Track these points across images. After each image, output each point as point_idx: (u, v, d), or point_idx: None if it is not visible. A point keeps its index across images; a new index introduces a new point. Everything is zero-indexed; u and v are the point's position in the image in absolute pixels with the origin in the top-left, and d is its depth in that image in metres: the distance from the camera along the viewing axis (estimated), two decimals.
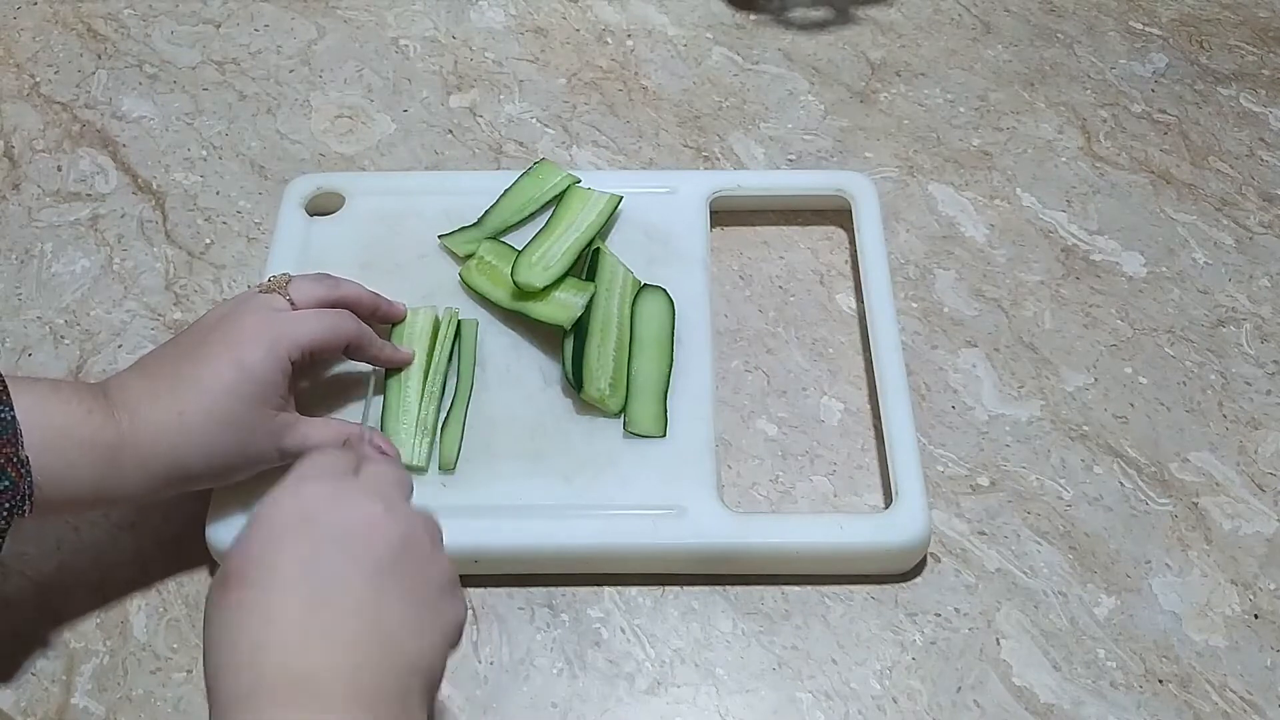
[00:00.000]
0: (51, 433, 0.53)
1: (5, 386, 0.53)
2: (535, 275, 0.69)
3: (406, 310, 0.69)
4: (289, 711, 0.42)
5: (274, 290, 0.62)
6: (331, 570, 0.45)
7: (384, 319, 0.68)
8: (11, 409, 0.53)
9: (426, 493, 0.63)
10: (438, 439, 0.65)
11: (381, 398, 0.66)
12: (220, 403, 0.57)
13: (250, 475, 0.60)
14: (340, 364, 0.68)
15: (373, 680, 0.44)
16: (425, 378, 0.67)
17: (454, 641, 0.48)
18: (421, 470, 0.64)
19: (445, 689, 0.59)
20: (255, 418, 0.58)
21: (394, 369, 0.67)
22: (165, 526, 0.65)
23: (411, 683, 0.45)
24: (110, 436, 0.55)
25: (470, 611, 0.62)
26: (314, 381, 0.67)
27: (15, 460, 0.52)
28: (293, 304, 0.61)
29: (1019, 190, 0.81)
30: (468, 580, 0.63)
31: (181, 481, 0.58)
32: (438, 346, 0.68)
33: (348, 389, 0.68)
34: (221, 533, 0.61)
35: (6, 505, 0.52)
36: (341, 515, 0.47)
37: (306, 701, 0.42)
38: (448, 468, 0.64)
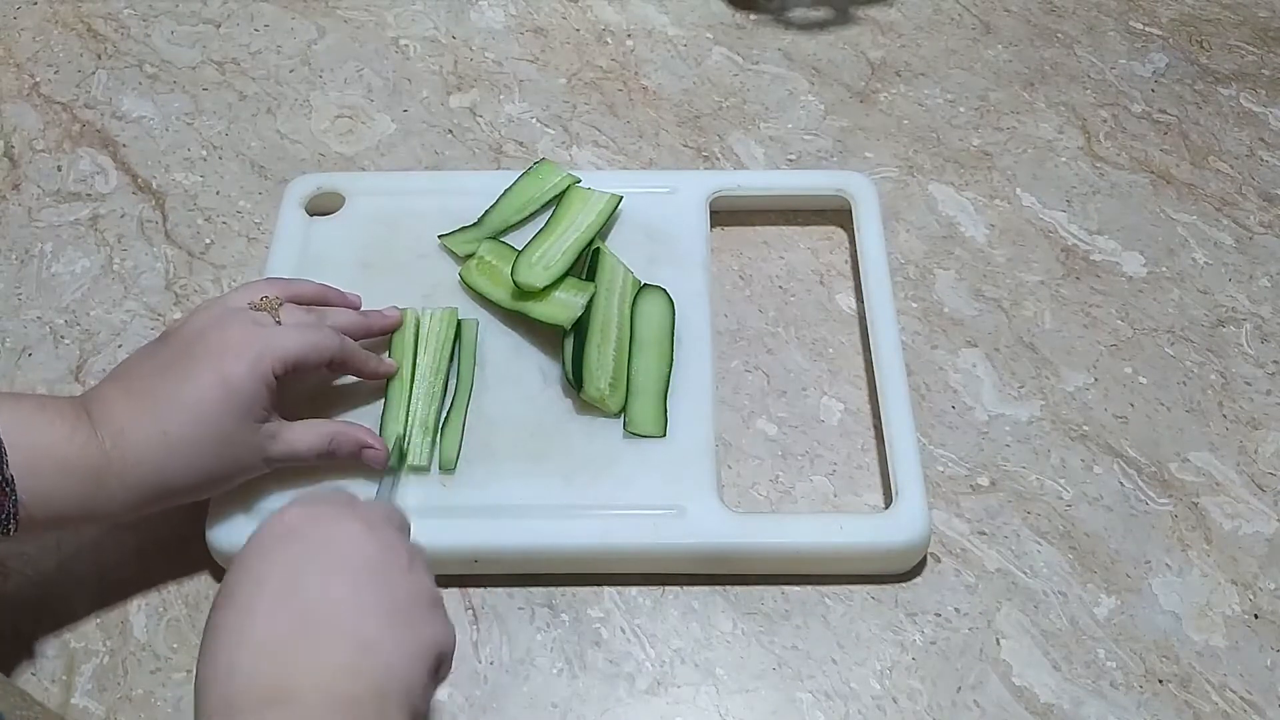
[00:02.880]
0: (35, 453, 0.53)
1: None
2: (535, 275, 0.69)
3: (403, 316, 0.69)
4: (262, 716, 0.42)
5: (264, 310, 0.61)
6: (311, 581, 0.46)
7: (379, 335, 0.68)
8: None
9: (427, 493, 0.63)
10: (438, 439, 0.65)
11: (394, 482, 0.64)
12: (204, 420, 0.56)
13: (239, 484, 0.60)
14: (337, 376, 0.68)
15: (349, 687, 0.44)
16: (413, 377, 0.67)
17: (437, 659, 0.48)
18: (422, 470, 0.64)
19: (445, 689, 0.59)
20: (240, 432, 0.58)
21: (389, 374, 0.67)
22: (165, 526, 0.65)
23: (389, 689, 0.45)
24: (94, 457, 0.55)
25: (470, 611, 0.62)
26: (301, 390, 0.66)
27: (0, 479, 0.52)
28: (279, 323, 0.61)
29: (1019, 190, 0.81)
30: (468, 580, 0.63)
31: (168, 498, 0.58)
32: (437, 347, 0.68)
33: (344, 394, 0.68)
34: (221, 533, 0.62)
35: None
36: (322, 531, 0.48)
37: (279, 710, 0.43)
38: (448, 468, 0.64)
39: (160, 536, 0.65)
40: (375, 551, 0.48)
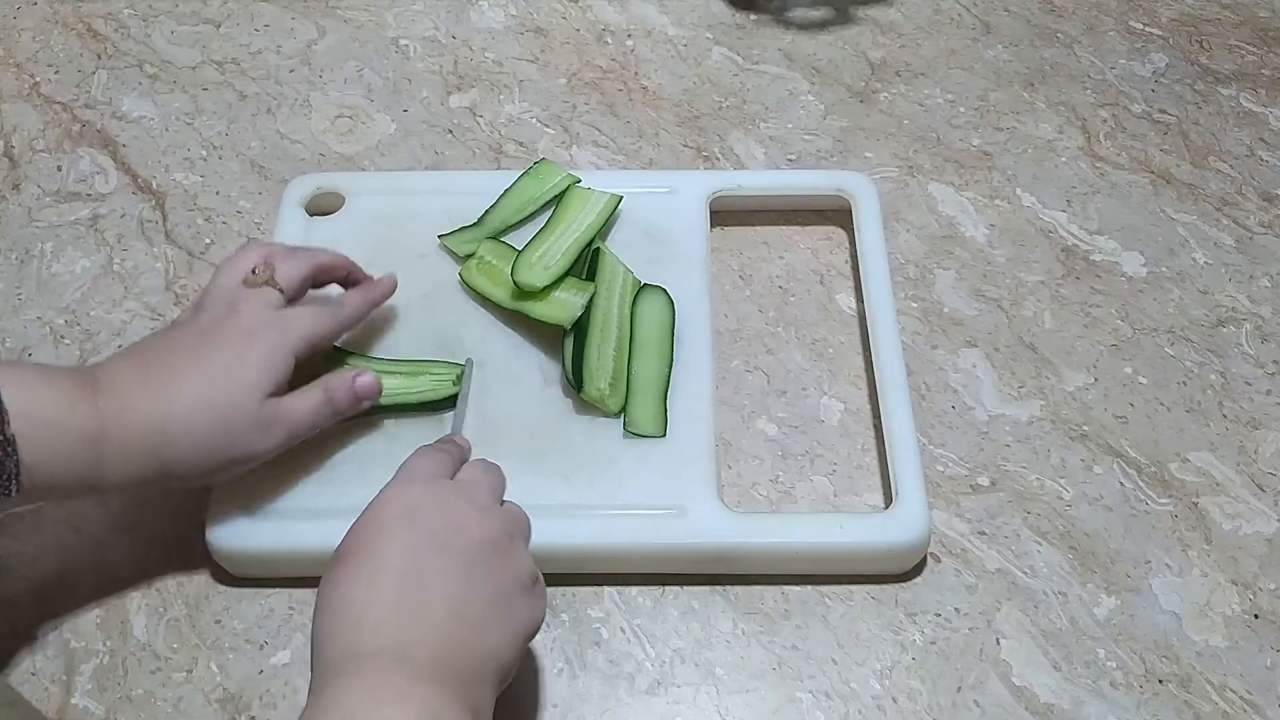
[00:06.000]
0: (34, 421, 0.54)
1: None
2: (535, 275, 0.69)
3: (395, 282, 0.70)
4: (381, 671, 0.47)
5: (264, 284, 0.62)
6: (428, 559, 0.50)
7: (380, 303, 0.69)
8: None
9: None
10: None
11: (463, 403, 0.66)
12: (210, 398, 0.57)
13: (237, 474, 0.60)
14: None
15: (456, 660, 0.49)
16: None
17: (531, 634, 0.53)
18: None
19: None
20: (245, 410, 0.58)
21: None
22: (165, 526, 0.65)
23: (487, 668, 0.50)
24: (94, 427, 0.55)
25: None
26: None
27: (1, 439, 0.52)
28: (283, 292, 0.62)
29: (1019, 190, 0.81)
30: None
31: (166, 474, 0.58)
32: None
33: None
34: (221, 533, 0.62)
35: None
36: (440, 513, 0.52)
37: (397, 666, 0.47)
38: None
39: (160, 536, 0.65)
40: (485, 537, 0.52)
